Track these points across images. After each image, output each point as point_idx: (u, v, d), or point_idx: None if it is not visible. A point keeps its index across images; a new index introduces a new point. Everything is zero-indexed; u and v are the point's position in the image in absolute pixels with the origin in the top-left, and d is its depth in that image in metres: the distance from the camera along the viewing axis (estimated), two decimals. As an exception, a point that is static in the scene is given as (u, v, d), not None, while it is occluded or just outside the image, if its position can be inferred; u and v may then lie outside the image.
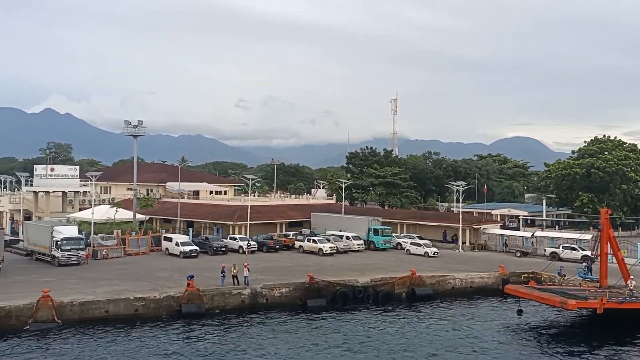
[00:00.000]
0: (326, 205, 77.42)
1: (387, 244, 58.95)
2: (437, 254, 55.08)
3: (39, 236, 47.97)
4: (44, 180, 65.55)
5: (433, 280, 43.01)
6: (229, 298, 36.28)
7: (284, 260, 50.23)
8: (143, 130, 60.90)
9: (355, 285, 40.04)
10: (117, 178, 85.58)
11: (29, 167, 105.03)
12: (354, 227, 60.35)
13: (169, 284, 37.79)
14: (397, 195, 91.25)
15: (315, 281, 38.74)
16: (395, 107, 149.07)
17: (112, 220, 56.10)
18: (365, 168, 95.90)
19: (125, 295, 34.16)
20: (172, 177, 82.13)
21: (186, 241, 52.73)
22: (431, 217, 69.83)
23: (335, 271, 44.17)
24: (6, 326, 30.24)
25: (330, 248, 53.66)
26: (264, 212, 65.31)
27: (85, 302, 32.68)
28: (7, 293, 33.79)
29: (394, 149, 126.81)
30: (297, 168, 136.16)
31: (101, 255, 49.15)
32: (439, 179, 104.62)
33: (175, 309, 34.37)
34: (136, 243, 52.90)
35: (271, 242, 55.93)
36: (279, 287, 37.91)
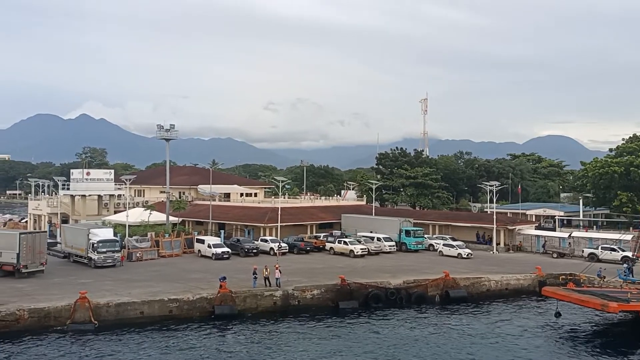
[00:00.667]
0: (356, 206, 77.04)
1: (419, 246, 58.22)
2: (470, 255, 54.08)
3: (76, 239, 49.10)
4: (80, 184, 67.09)
5: (467, 282, 42.18)
6: (261, 300, 36.34)
7: (315, 262, 50.11)
8: (175, 134, 61.77)
9: (387, 287, 39.58)
10: (150, 181, 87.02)
11: (65, 172, 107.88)
12: (385, 228, 59.79)
13: (202, 285, 38.10)
14: (428, 196, 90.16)
15: (347, 283, 38.46)
16: (426, 107, 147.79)
17: (146, 223, 56.99)
18: (396, 169, 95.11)
19: (159, 296, 34.59)
20: (203, 179, 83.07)
21: (218, 243, 53.20)
22: (464, 217, 68.66)
23: (366, 273, 43.80)
24: (45, 327, 31.00)
25: (361, 250, 53.28)
26: (294, 213, 65.35)
27: (121, 303, 33.21)
28: (46, 294, 34.66)
29: (424, 149, 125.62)
30: (326, 169, 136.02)
31: (136, 257, 49.98)
32: (471, 179, 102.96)
33: (208, 310, 34.62)
34: (169, 245, 53.66)
35: (302, 244, 55.90)
36: (310, 289, 37.79)
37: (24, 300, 32.83)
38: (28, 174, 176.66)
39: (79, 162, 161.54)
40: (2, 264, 40.76)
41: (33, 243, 41.58)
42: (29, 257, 41.04)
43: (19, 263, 40.34)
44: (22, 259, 40.44)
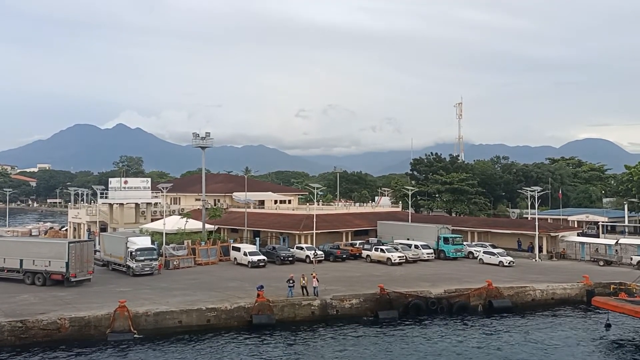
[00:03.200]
0: (391, 213, 75.84)
1: (458, 253, 56.67)
2: (512, 263, 52.30)
3: (114, 247, 49.63)
4: (118, 192, 68.05)
5: (511, 291, 40.63)
6: (299, 309, 35.73)
7: (351, 270, 49.27)
8: (210, 141, 62.06)
9: (428, 296, 38.43)
10: (186, 189, 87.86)
11: (103, 180, 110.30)
12: (423, 235, 58.49)
13: (239, 294, 37.77)
14: (464, 202, 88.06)
15: (386, 292, 37.50)
16: (461, 111, 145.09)
17: (183, 231, 57.31)
18: (431, 174, 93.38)
19: (197, 305, 34.38)
20: (238, 187, 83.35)
21: (254, 251, 52.98)
22: (504, 224, 66.61)
23: (405, 281, 42.73)
24: (86, 336, 31.11)
25: (398, 257, 52.17)
26: (329, 220, 64.71)
27: (160, 312, 33.12)
28: (86, 303, 34.90)
29: (460, 154, 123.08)
30: (359, 176, 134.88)
31: (173, 265, 50.19)
32: (509, 184, 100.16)
33: (246, 319, 34.21)
34: (206, 253, 53.74)
35: (338, 252, 55.16)
36: (349, 298, 36.97)
37: (65, 309, 33.10)
38: (67, 183, 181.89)
39: (116, 170, 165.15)
40: (51, 273, 41.25)
41: (81, 252, 42.00)
42: (77, 266, 41.49)
43: (68, 272, 40.83)
44: (71, 267, 40.91)
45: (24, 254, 42.46)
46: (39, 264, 41.65)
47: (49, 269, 41.28)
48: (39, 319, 31.11)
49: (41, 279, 41.43)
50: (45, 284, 41.03)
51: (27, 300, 35.78)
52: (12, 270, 42.66)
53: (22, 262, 42.25)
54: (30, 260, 41.99)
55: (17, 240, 50.09)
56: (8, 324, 30.35)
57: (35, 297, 36.70)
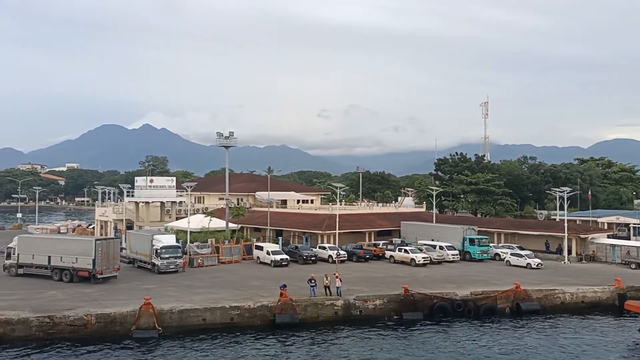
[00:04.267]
0: (415, 213, 74.99)
1: (484, 255, 55.63)
2: (540, 265, 51.10)
3: (140, 244, 50.15)
4: (144, 191, 68.87)
5: (540, 294, 39.63)
6: (321, 309, 35.46)
7: (375, 270, 48.80)
8: (234, 141, 62.28)
9: (454, 298, 37.75)
10: (210, 188, 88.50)
11: (130, 179, 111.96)
12: (448, 236, 57.61)
13: (262, 292, 37.70)
14: (490, 203, 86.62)
15: (411, 293, 36.95)
16: (487, 111, 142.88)
17: (206, 229, 57.62)
18: (456, 175, 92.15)
19: (221, 303, 34.42)
20: (261, 186, 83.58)
21: (277, 250, 52.94)
22: (532, 225, 65.16)
23: (429, 283, 42.09)
24: (111, 332, 31.42)
25: (423, 258, 51.45)
26: (352, 220, 64.29)
27: (184, 310, 33.25)
28: (111, 299, 35.28)
29: (485, 154, 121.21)
30: (382, 176, 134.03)
31: (197, 263, 50.49)
32: (537, 185, 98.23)
33: (269, 318, 34.09)
34: (229, 251, 53.92)
35: (361, 252, 54.71)
36: (372, 299, 36.55)
37: (92, 306, 33.49)
38: (95, 182, 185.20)
39: (142, 170, 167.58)
40: (78, 270, 41.91)
41: (107, 249, 42.60)
42: (104, 263, 42.05)
43: (95, 269, 41.43)
44: (97, 264, 41.49)
45: (51, 251, 43.18)
46: (67, 261, 42.31)
47: (76, 266, 41.89)
48: (66, 314, 31.55)
49: (68, 276, 42.07)
50: (72, 281, 41.66)
51: (55, 297, 36.35)
52: (41, 266, 43.46)
53: (50, 258, 42.97)
54: (58, 257, 42.69)
55: (45, 238, 51.07)
56: (36, 320, 30.85)
57: (62, 294, 37.27)
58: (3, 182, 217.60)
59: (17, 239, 46.22)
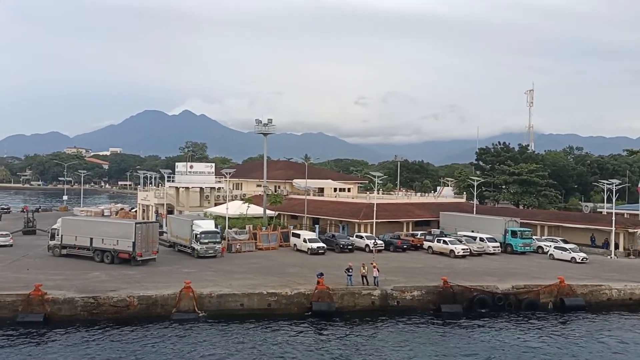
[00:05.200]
0: (455, 204, 73.60)
1: (526, 248, 54.09)
2: (585, 260, 49.33)
3: (181, 229, 51.08)
4: (184, 176, 70.09)
5: (585, 289, 38.25)
6: (358, 298, 35.25)
7: (412, 261, 48.18)
8: (273, 128, 62.35)
9: (494, 291, 36.84)
10: (248, 175, 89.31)
11: (170, 165, 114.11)
12: (488, 228, 56.25)
13: (299, 280, 37.78)
14: (533, 194, 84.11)
15: (450, 285, 36.26)
16: (532, 99, 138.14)
17: (244, 216, 58.14)
18: (498, 165, 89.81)
19: (258, 289, 34.68)
20: (298, 174, 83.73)
21: (314, 238, 52.93)
22: (577, 218, 62.96)
23: (469, 275, 41.22)
24: (153, 314, 32.15)
25: (462, 250, 50.44)
26: (390, 210, 63.67)
27: (223, 294, 33.67)
28: (153, 282, 36.06)
29: (529, 143, 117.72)
30: (421, 165, 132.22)
31: (235, 249, 51.07)
32: (582, 177, 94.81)
33: (306, 306, 34.15)
34: (266, 238, 54.28)
35: (398, 242, 54.07)
36: (410, 290, 36.06)
37: (134, 288, 34.33)
38: (137, 167, 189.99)
39: (182, 155, 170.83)
40: (119, 252, 43.15)
41: (147, 232, 43.73)
42: (143, 246, 43.18)
43: (135, 251, 42.54)
44: (137, 247, 42.62)
45: (93, 233, 44.64)
46: (108, 243, 43.63)
47: (117, 248, 43.13)
48: (110, 296, 32.44)
49: (109, 257, 43.38)
50: (113, 262, 42.93)
51: (99, 278, 37.44)
52: (83, 247, 44.99)
53: (92, 240, 44.42)
54: (100, 239, 44.08)
55: (88, 220, 52.74)
56: (81, 300, 31.85)
57: (106, 275, 38.35)
58: (50, 165, 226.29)
59: (61, 220, 47.88)
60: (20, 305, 30.94)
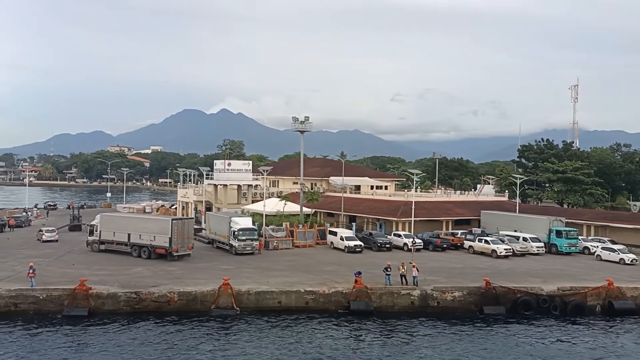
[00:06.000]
0: (496, 202, 71.72)
1: (572, 248, 52.13)
2: (635, 261, 47.15)
3: (219, 226, 51.62)
4: (222, 174, 70.90)
5: (636, 292, 36.48)
6: (397, 298, 34.67)
7: (452, 260, 47.15)
8: (309, 125, 62.29)
9: (539, 293, 35.57)
10: (284, 172, 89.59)
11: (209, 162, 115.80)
12: (532, 227, 54.52)
13: (337, 278, 37.49)
14: (579, 193, 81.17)
15: (492, 286, 35.22)
16: (576, 95, 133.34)
17: (281, 213, 58.28)
18: (541, 162, 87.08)
19: (296, 287, 34.58)
20: (334, 171, 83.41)
21: (351, 236, 52.55)
22: (626, 218, 60.30)
23: (512, 276, 39.97)
24: (192, 310, 32.51)
25: (505, 250, 49.01)
26: (428, 208, 62.59)
27: (261, 291, 33.73)
28: (192, 279, 36.49)
29: (574, 140, 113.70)
30: (460, 162, 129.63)
31: (272, 246, 51.24)
32: (631, 175, 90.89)
33: (344, 304, 33.83)
34: (303, 236, 54.24)
35: (438, 241, 53.05)
36: (451, 291, 35.21)
37: (174, 283, 34.83)
38: (177, 164, 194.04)
39: (220, 153, 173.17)
40: (156, 247, 44.02)
41: (183, 228, 44.45)
42: (179, 242, 43.89)
43: (171, 247, 43.29)
44: (173, 242, 43.35)
45: (131, 229, 45.69)
46: (145, 239, 44.60)
47: (154, 244, 44.03)
48: (151, 291, 33.00)
49: (146, 252, 44.33)
50: (150, 257, 43.85)
51: (141, 273, 38.17)
52: (121, 243, 46.12)
53: (130, 236, 45.43)
54: (137, 234, 45.09)
55: (126, 216, 54.00)
56: (124, 295, 32.51)
57: (148, 271, 39.07)
58: (94, 163, 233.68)
59: (99, 217, 49.21)
60: (66, 299, 31.83)
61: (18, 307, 31.65)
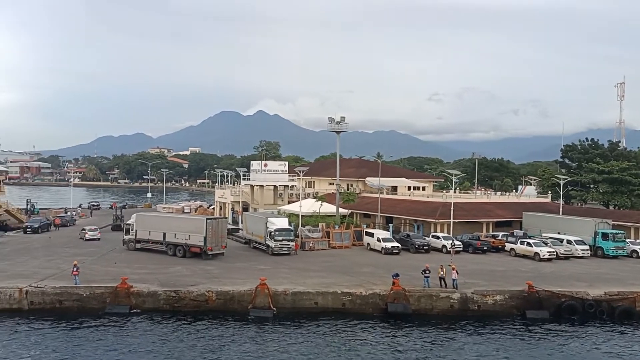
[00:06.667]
0: (539, 204, 69.58)
1: (619, 251, 50.03)
2: (689, 266, 44.81)
3: (256, 226, 51.94)
4: (258, 175, 71.40)
5: (690, 299, 34.58)
6: (436, 301, 33.97)
7: (493, 263, 45.94)
8: (345, 126, 61.91)
9: (585, 297, 34.21)
10: (320, 173, 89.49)
11: (245, 163, 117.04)
12: (576, 229, 52.60)
13: (374, 280, 37.06)
14: (626, 194, 77.92)
15: (536, 290, 34.09)
16: (622, 92, 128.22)
17: (317, 214, 58.17)
18: (585, 162, 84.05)
19: (332, 288, 34.34)
20: (371, 172, 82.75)
21: (388, 237, 51.94)
22: (678, 221, 57.45)
23: (555, 280, 38.61)
24: (230, 309, 32.71)
25: (548, 253, 47.42)
26: (467, 209, 61.25)
27: (297, 292, 33.64)
28: (230, 278, 36.75)
29: (620, 140, 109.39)
30: (501, 162, 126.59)
31: (308, 247, 51.17)
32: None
33: (381, 307, 33.37)
34: (339, 237, 53.97)
35: (478, 243, 51.80)
36: (492, 294, 34.24)
37: (212, 283, 35.16)
38: (214, 165, 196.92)
39: (256, 154, 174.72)
40: (191, 246, 44.75)
41: (217, 227, 45.15)
42: (214, 241, 44.54)
43: (206, 245, 43.92)
44: (208, 241, 44.01)
45: (166, 228, 46.60)
46: (180, 238, 45.43)
47: (189, 242, 44.81)
48: (190, 290, 33.41)
49: (181, 251, 45.13)
50: (185, 256, 44.61)
51: (180, 272, 38.73)
52: (156, 242, 47.12)
53: (165, 235, 46.30)
54: (172, 233, 45.97)
55: (161, 216, 55.12)
56: (164, 293, 33.03)
57: (186, 270, 39.61)
58: (136, 165, 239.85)
59: (135, 216, 50.36)
60: (108, 297, 32.58)
61: (62, 304, 32.57)
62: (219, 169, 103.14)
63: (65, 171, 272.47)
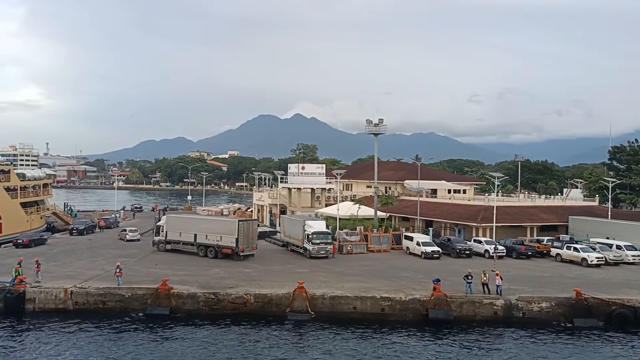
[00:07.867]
0: (586, 207, 66.95)
1: (673, 258, 47.43)
2: None
3: (293, 229, 51.89)
4: (296, 177, 71.53)
5: None
6: (479, 307, 32.95)
7: (538, 269, 44.33)
8: (384, 128, 61.30)
9: (637, 306, 32.49)
10: (358, 176, 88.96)
11: (283, 166, 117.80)
12: (627, 234, 50.27)
13: (413, 285, 36.30)
14: (680, 198, 74.07)
15: (584, 297, 32.61)
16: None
17: (355, 217, 57.68)
18: (635, 165, 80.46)
19: (371, 293, 33.80)
20: (409, 175, 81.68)
21: (428, 241, 50.95)
22: None
23: (605, 287, 36.86)
24: (268, 312, 32.65)
25: (596, 258, 45.43)
26: (511, 213, 59.50)
27: (335, 296, 33.27)
28: (268, 281, 36.73)
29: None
30: (544, 165, 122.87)
31: (346, 250, 50.75)
32: None
33: (422, 313, 32.59)
34: (378, 240, 53.31)
35: (522, 248, 50.14)
36: (538, 301, 32.96)
37: (251, 285, 35.20)
38: (252, 168, 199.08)
39: (294, 157, 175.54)
40: (222, 247, 45.25)
41: (248, 229, 45.67)
42: (245, 242, 44.99)
43: (238, 247, 44.28)
44: (240, 243, 44.42)
45: (197, 230, 47.19)
46: (211, 239, 46.00)
47: (220, 244, 45.34)
48: (229, 292, 33.54)
49: (213, 252, 45.71)
50: (216, 257, 45.20)
51: (218, 275, 38.99)
52: (187, 243, 47.80)
53: (196, 236, 46.90)
54: (204, 235, 46.59)
55: (191, 217, 55.78)
56: (203, 295, 33.28)
57: (225, 272, 39.86)
58: (176, 168, 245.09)
59: (166, 218, 51.17)
60: (149, 298, 33.06)
61: (105, 305, 33.26)
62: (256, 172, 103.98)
63: (110, 174, 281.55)
